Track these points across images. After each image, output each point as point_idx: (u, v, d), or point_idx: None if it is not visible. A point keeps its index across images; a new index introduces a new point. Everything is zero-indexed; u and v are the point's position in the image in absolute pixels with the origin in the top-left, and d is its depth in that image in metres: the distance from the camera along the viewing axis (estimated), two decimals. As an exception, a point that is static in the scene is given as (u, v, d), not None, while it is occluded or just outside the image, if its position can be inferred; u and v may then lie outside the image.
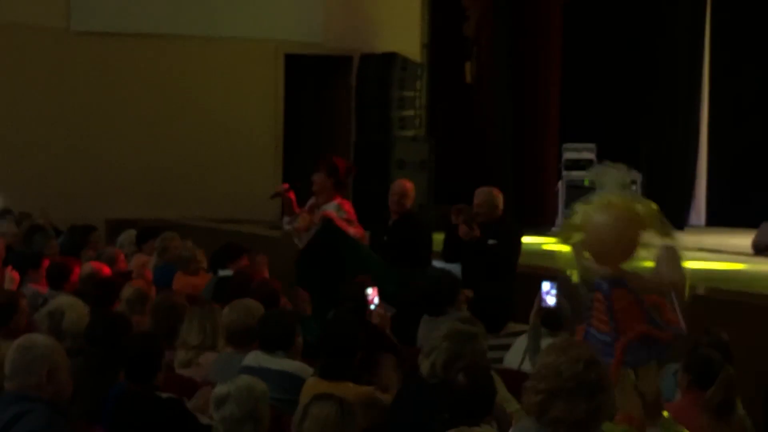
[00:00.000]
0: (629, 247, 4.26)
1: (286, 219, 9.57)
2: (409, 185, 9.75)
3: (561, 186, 15.96)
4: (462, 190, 15.81)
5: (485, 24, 16.23)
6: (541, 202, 15.77)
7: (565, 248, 4.37)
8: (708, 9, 16.97)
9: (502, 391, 5.97)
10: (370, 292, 7.40)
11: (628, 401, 4.18)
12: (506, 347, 7.05)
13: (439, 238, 9.84)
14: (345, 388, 5.54)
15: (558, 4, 16.11)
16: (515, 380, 6.09)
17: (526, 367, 6.30)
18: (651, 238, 4.29)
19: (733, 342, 5.74)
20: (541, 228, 14.79)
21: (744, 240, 12.56)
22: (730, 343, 5.89)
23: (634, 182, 4.59)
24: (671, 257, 4.30)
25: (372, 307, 7.29)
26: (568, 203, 15.98)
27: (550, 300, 6.00)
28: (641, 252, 4.29)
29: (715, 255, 12.02)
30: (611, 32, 16.93)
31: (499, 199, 9.42)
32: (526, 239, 9.94)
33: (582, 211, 4.30)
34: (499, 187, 10.01)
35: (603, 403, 3.74)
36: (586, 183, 16.15)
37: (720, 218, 16.50)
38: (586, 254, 4.29)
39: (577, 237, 4.32)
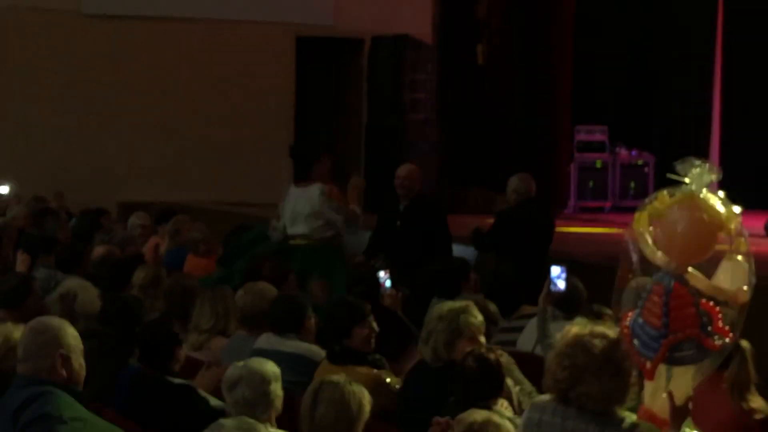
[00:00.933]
0: (702, 248, 4.16)
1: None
2: (413, 167, 9.68)
3: (573, 168, 15.94)
4: (474, 174, 15.89)
5: (497, 6, 16.17)
6: (554, 184, 15.73)
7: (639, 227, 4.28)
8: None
9: (516, 373, 5.97)
10: (382, 274, 7.41)
11: (656, 399, 4.15)
12: (519, 329, 7.06)
13: (454, 221, 9.83)
14: (354, 373, 5.53)
15: (570, -15, 16.03)
16: (528, 363, 6.09)
17: (539, 350, 6.30)
18: (723, 244, 4.23)
19: (745, 324, 5.71)
20: (554, 209, 14.76)
21: (756, 221, 12.50)
22: (737, 318, 5.86)
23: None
24: (737, 268, 4.23)
25: (385, 287, 7.31)
26: (581, 185, 15.98)
27: (561, 284, 5.99)
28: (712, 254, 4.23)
29: (728, 237, 11.96)
30: (623, 13, 16.88)
31: (527, 183, 9.42)
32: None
33: (662, 201, 4.22)
34: (512, 169, 10.00)
35: (625, 384, 3.88)
36: (598, 165, 16.17)
37: (733, 199, 16.34)
38: (656, 246, 4.21)
39: (649, 225, 4.24)
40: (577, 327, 4.03)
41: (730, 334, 4.14)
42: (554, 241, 9.67)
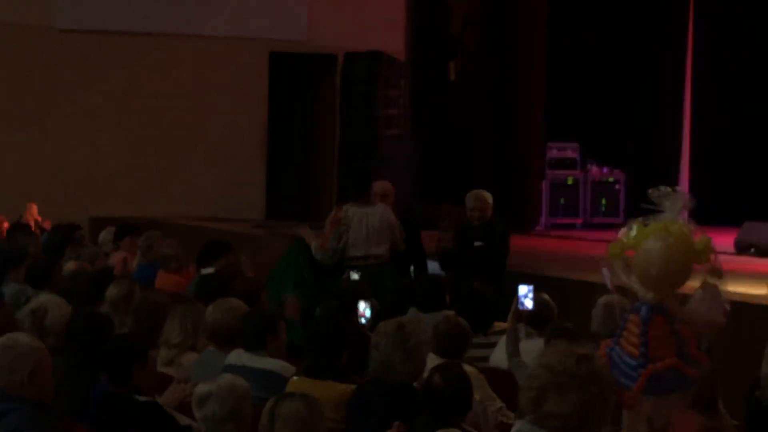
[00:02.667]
0: (677, 278, 4.19)
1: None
2: (387, 183, 9.81)
3: (545, 184, 16.01)
4: (446, 189, 15.92)
5: (469, 22, 16.24)
6: (526, 201, 15.79)
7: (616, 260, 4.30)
8: (691, 9, 17.02)
9: (486, 390, 5.99)
10: (362, 305, 7.43)
11: (637, 426, 4.15)
12: (492, 346, 7.07)
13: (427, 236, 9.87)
14: (329, 387, 5.55)
15: (542, 2, 16.12)
16: (500, 380, 6.11)
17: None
18: (698, 273, 4.25)
19: (715, 341, 5.76)
20: (526, 226, 14.82)
21: (726, 239, 12.58)
22: (711, 341, 5.91)
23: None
24: (713, 297, 4.26)
25: (362, 321, 7.32)
26: (552, 202, 16.04)
27: (528, 303, 6.03)
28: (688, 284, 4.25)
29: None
30: (596, 31, 16.98)
31: (489, 201, 9.50)
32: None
33: (638, 232, 4.25)
34: (483, 186, 10.06)
35: (596, 396, 3.71)
36: (569, 182, 16.24)
37: (702, 217, 16.38)
38: (633, 276, 4.23)
39: (626, 255, 4.27)
40: (550, 349, 3.96)
41: (706, 360, 4.17)
42: (525, 257, 9.71)
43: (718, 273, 4.26)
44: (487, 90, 16.15)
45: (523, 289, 6.03)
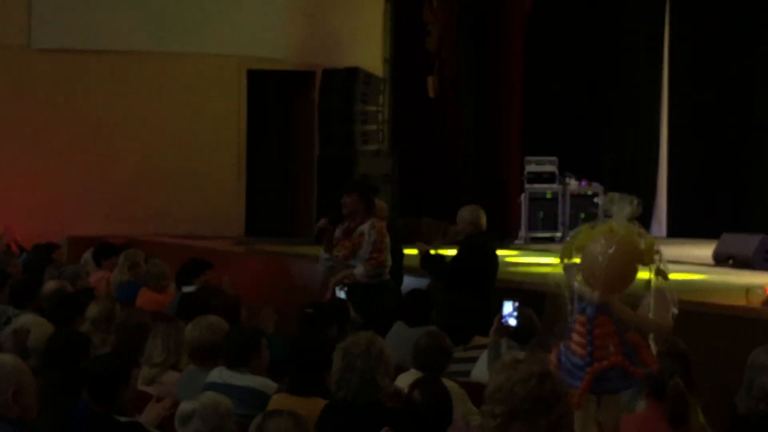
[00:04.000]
0: (622, 279, 4.25)
1: (324, 255, 9.45)
2: (379, 203, 9.82)
3: (524, 199, 16.06)
4: (425, 205, 15.96)
5: (447, 38, 16.31)
6: (504, 215, 15.84)
7: (559, 267, 4.37)
8: (667, 22, 17.13)
9: (468, 405, 6.00)
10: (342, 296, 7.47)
11: (587, 429, 4.19)
12: (473, 360, 7.09)
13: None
14: (314, 404, 5.53)
15: (520, 17, 16.20)
16: (482, 394, 6.11)
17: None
18: (644, 274, 4.30)
19: (693, 352, 5.79)
20: (505, 240, 14.86)
21: (705, 251, 12.65)
22: (688, 352, 5.95)
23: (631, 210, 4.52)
24: (661, 301, 4.31)
25: None
26: (531, 216, 16.09)
27: (512, 321, 6.06)
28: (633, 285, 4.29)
29: (676, 266, 12.05)
30: (572, 46, 17.05)
31: (477, 215, 9.52)
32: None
33: (584, 234, 4.30)
34: (463, 200, 10.09)
35: (562, 414, 3.62)
36: (548, 196, 16.30)
37: (681, 229, 16.61)
38: (579, 276, 4.29)
39: (575, 258, 4.33)
40: (504, 367, 3.75)
41: (656, 364, 4.23)
42: (505, 271, 9.76)
43: (664, 274, 4.33)
44: (465, 105, 16.21)
45: (508, 307, 6.06)
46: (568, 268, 4.32)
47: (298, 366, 5.87)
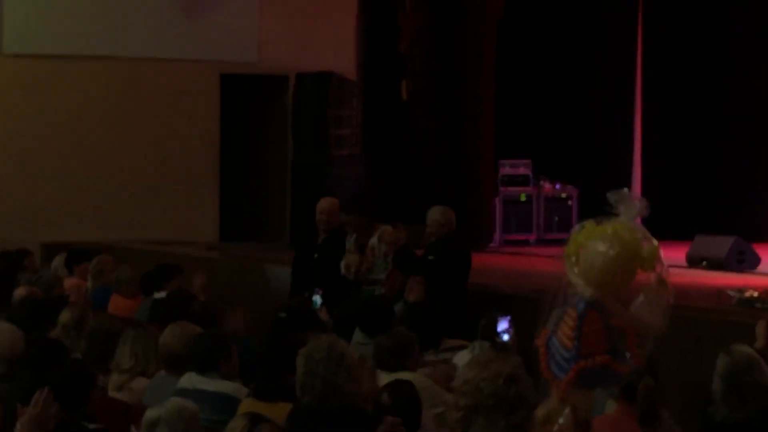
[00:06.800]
0: (619, 281, 4.21)
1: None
2: (334, 201, 9.96)
3: (498, 201, 16.06)
4: (399, 208, 15.93)
5: (419, 41, 16.29)
6: (479, 218, 15.84)
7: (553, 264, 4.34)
8: (640, 25, 17.18)
9: (445, 397, 5.98)
10: (317, 299, 7.45)
11: (559, 410, 4.19)
12: (446, 362, 7.08)
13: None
14: (280, 409, 5.51)
15: (492, 20, 16.20)
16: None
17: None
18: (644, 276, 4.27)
19: (665, 353, 5.80)
20: (479, 243, 14.85)
21: (678, 252, 12.67)
22: (658, 354, 5.96)
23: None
24: (656, 302, 4.29)
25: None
26: (505, 218, 16.10)
27: (506, 337, 6.06)
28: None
29: (650, 267, 12.10)
30: (545, 48, 17.09)
31: (449, 217, 9.55)
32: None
33: (588, 232, 4.27)
34: (437, 203, 10.09)
35: (523, 420, 3.70)
36: (522, 198, 16.31)
37: (654, 230, 16.50)
38: (577, 269, 4.26)
39: (576, 254, 4.30)
40: (475, 363, 3.87)
41: (640, 360, 4.22)
42: (480, 274, 9.76)
43: (664, 283, 4.30)
44: (438, 108, 16.20)
45: (503, 325, 6.05)
46: (568, 259, 4.28)
47: (264, 371, 5.85)
